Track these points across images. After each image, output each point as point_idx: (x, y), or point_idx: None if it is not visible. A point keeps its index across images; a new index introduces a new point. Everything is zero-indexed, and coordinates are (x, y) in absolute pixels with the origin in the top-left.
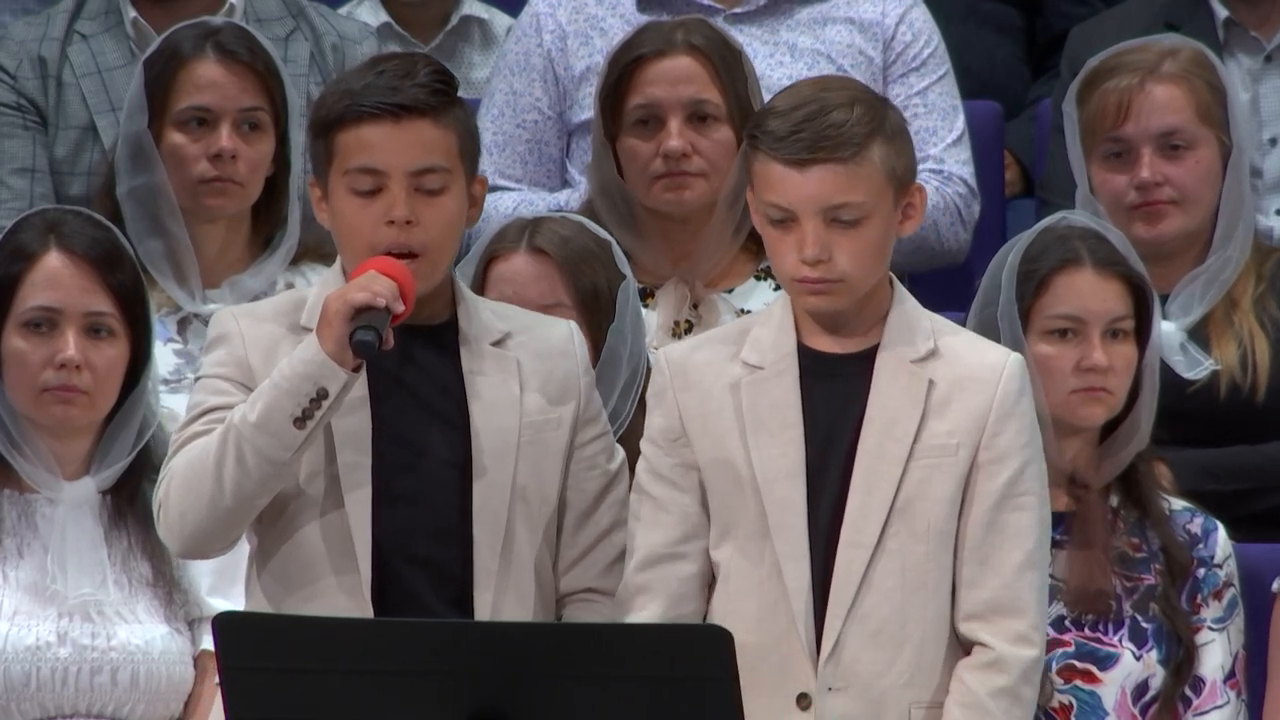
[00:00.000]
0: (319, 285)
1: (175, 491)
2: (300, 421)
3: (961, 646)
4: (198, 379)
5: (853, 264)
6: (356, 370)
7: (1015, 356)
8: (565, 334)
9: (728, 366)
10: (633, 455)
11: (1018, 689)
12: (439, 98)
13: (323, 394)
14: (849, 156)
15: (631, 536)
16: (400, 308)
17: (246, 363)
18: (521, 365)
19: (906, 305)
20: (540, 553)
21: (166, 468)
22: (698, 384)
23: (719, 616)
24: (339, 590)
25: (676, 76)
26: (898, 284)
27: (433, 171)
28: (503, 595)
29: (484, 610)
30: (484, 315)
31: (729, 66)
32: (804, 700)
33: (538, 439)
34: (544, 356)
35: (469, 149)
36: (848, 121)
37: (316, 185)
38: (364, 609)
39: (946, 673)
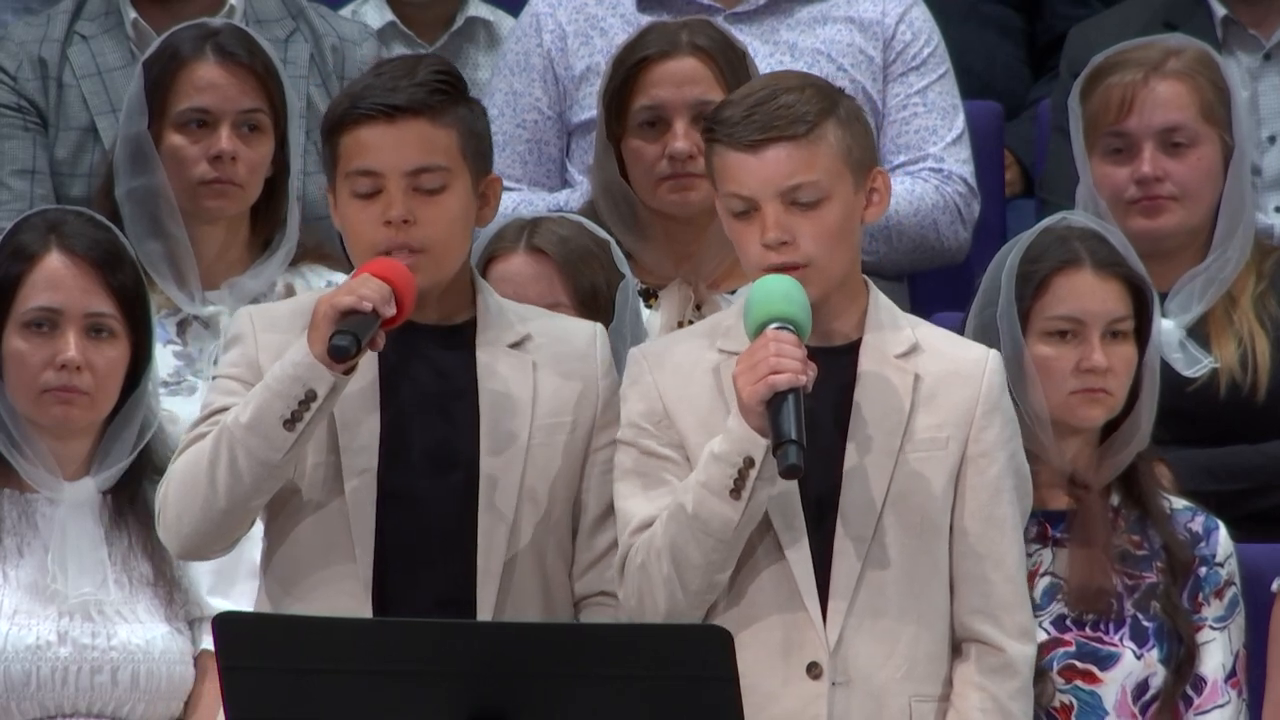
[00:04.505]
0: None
1: (173, 493)
2: (290, 423)
3: (958, 639)
4: (213, 378)
5: (816, 246)
6: (348, 373)
7: (994, 352)
8: (588, 337)
9: (705, 353)
10: None
11: (1028, 686)
12: (437, 97)
13: (311, 396)
14: (802, 134)
15: (623, 515)
16: (390, 311)
17: (257, 364)
18: (538, 367)
19: (881, 300)
20: (550, 556)
21: (169, 469)
22: (677, 368)
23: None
24: (338, 589)
25: (682, 77)
26: (869, 280)
27: (429, 171)
28: (505, 596)
29: (485, 611)
30: (505, 316)
31: (734, 67)
32: (814, 669)
33: (549, 442)
34: (563, 359)
35: (473, 148)
36: (798, 102)
37: (331, 190)
38: (363, 608)
39: (945, 665)
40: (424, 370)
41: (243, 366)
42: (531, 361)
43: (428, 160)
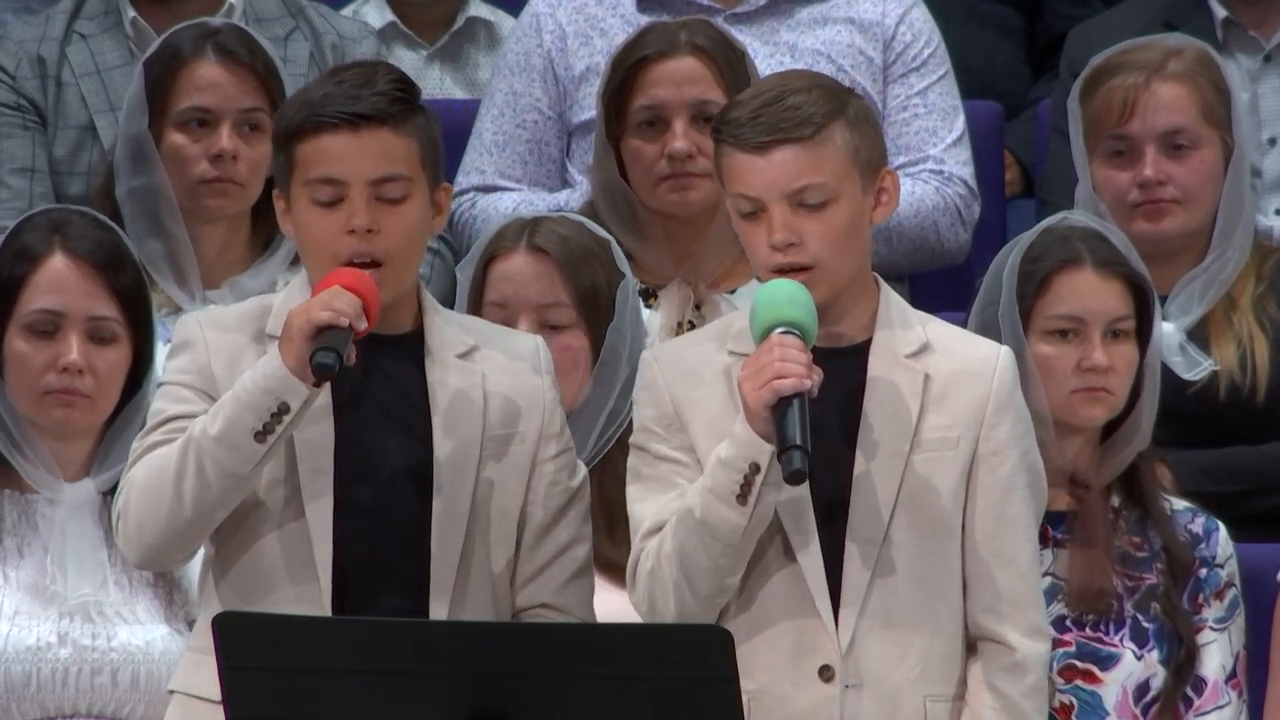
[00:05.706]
0: (285, 293)
1: (134, 502)
2: (261, 435)
3: (971, 638)
4: (160, 385)
5: (823, 247)
6: (319, 385)
7: (1006, 349)
8: (532, 348)
9: (716, 355)
10: None
11: (1041, 684)
12: (399, 106)
13: (284, 409)
14: (809, 136)
15: (635, 518)
16: (363, 325)
17: (209, 370)
18: (486, 378)
19: (892, 299)
20: (499, 566)
21: (126, 478)
22: (688, 372)
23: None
24: (298, 600)
25: (681, 77)
26: (879, 278)
27: (393, 180)
28: (458, 607)
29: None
30: (451, 327)
31: (733, 67)
32: (826, 672)
33: (499, 452)
34: (509, 370)
35: (431, 157)
36: (805, 103)
37: (281, 197)
38: None
39: (959, 665)
40: (376, 381)
41: (194, 373)
42: (481, 372)
43: (391, 169)
